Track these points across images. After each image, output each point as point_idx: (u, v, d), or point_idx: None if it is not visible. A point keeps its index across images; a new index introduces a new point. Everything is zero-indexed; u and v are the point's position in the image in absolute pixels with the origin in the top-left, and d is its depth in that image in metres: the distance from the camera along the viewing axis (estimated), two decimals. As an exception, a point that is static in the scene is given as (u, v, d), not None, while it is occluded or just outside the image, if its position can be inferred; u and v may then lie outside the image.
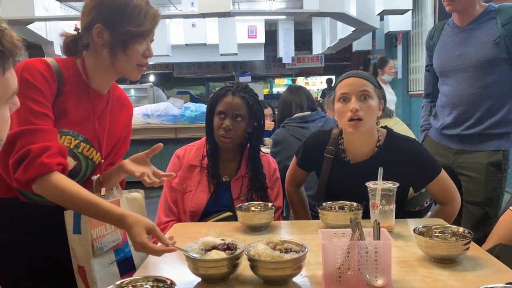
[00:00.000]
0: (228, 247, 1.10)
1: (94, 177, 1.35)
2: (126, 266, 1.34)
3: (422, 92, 2.43)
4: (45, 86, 1.20)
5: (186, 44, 7.30)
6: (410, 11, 5.60)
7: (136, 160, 1.36)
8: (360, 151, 1.62)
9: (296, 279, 1.07)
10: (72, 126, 1.28)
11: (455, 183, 1.66)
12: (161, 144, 1.34)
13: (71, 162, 1.27)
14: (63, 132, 1.26)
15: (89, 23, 1.26)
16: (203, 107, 5.57)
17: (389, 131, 1.65)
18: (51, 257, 1.29)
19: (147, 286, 0.93)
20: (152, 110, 5.53)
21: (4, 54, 0.68)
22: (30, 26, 5.54)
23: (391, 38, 8.75)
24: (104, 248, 1.27)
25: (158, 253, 1.09)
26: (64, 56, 1.33)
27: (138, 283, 0.93)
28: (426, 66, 2.28)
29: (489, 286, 0.84)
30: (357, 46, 8.61)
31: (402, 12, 5.35)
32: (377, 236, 1.05)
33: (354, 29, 6.24)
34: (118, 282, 0.92)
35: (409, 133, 2.65)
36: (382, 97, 1.60)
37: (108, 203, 1.18)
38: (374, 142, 1.60)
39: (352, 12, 5.58)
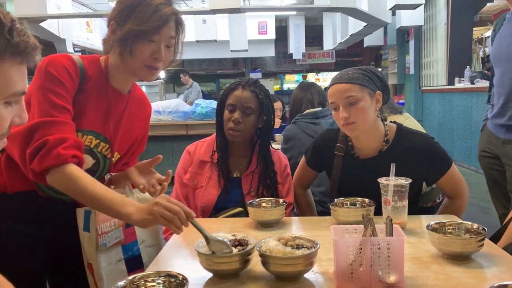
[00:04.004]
0: (240, 243, 1.10)
1: (108, 176, 1.37)
2: (134, 264, 1.35)
3: (435, 87, 2.45)
4: (68, 80, 1.21)
5: (197, 41, 7.31)
6: (423, 5, 5.53)
7: (140, 168, 1.37)
8: (368, 147, 1.61)
9: (308, 275, 1.06)
10: (93, 126, 1.29)
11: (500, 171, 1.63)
12: (160, 156, 1.34)
13: (90, 161, 1.29)
14: (85, 132, 1.27)
15: (109, 20, 1.26)
16: (213, 104, 5.58)
17: (399, 126, 1.64)
18: (67, 252, 1.32)
19: (159, 281, 0.93)
20: (163, 106, 5.55)
21: (11, 45, 0.69)
22: (43, 24, 5.59)
23: (403, 33, 8.67)
24: (107, 244, 1.27)
25: (171, 208, 1.05)
26: (74, 54, 1.34)
27: (150, 278, 0.93)
28: (488, 57, 2.30)
29: (504, 283, 0.83)
30: (368, 41, 8.56)
31: (414, 6, 5.30)
32: (390, 232, 1.04)
33: (365, 24, 6.19)
34: (130, 277, 0.92)
35: (420, 129, 2.63)
36: (378, 87, 1.57)
37: (115, 195, 1.14)
38: (381, 137, 1.59)
39: (364, 7, 5.54)
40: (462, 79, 6.46)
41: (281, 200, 1.54)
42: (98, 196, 1.13)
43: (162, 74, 10.92)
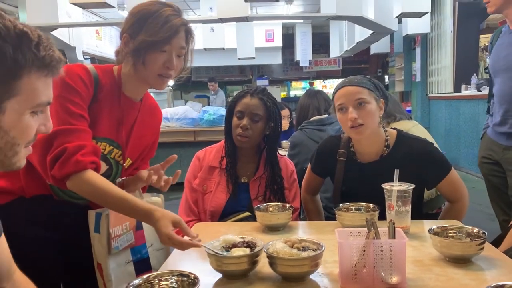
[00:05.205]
0: (248, 245, 1.15)
1: (119, 180, 1.42)
2: (143, 266, 1.40)
3: (442, 94, 2.52)
4: (84, 89, 1.27)
5: (205, 49, 7.39)
6: (429, 13, 5.56)
7: (152, 170, 1.42)
8: (369, 152, 1.66)
9: (313, 276, 1.10)
10: (107, 133, 1.35)
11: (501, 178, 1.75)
12: (175, 156, 1.39)
13: (103, 167, 1.34)
14: (99, 139, 1.33)
15: (121, 33, 1.32)
16: (221, 111, 5.65)
17: (399, 131, 1.69)
18: (80, 254, 1.36)
19: (172, 280, 0.98)
20: (171, 113, 5.63)
21: (37, 59, 0.75)
22: (54, 32, 5.69)
23: (410, 41, 8.70)
24: (119, 247, 1.33)
25: (183, 245, 1.13)
26: (88, 64, 1.41)
27: (164, 277, 0.98)
28: (486, 69, 2.37)
29: (500, 283, 0.86)
30: (375, 48, 8.59)
31: (420, 14, 5.33)
32: (392, 235, 1.08)
33: (372, 32, 6.23)
34: (145, 276, 0.97)
35: (427, 136, 2.66)
36: (382, 96, 1.63)
37: (136, 199, 1.23)
38: (382, 142, 1.65)
39: (370, 15, 5.58)
40: (469, 86, 6.47)
41: (287, 205, 1.58)
42: (120, 198, 1.20)
43: (170, 81, 11.01)
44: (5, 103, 0.73)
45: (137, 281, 0.95)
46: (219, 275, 1.13)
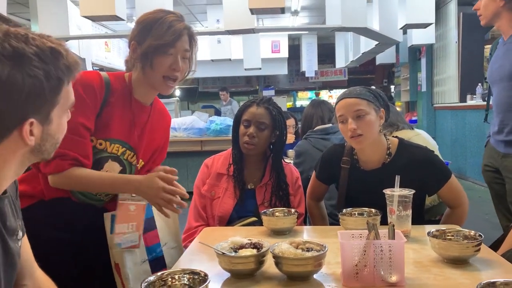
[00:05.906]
0: (255, 246, 1.21)
1: None
2: (158, 265, 1.48)
3: (447, 104, 2.60)
4: (92, 98, 1.36)
5: (212, 60, 7.49)
6: (433, 24, 5.62)
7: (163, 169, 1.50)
8: (371, 160, 1.72)
9: (317, 276, 1.16)
10: (119, 135, 1.43)
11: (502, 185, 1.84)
12: (175, 170, 1.46)
13: (117, 168, 1.43)
14: (112, 141, 1.42)
15: (129, 41, 1.42)
16: (227, 121, 5.72)
17: (401, 140, 1.75)
18: (95, 254, 1.43)
19: (184, 278, 1.04)
20: (178, 123, 5.71)
21: (69, 68, 0.83)
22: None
23: (415, 51, 8.76)
24: (121, 245, 1.40)
25: (172, 200, 1.27)
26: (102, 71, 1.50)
27: (176, 275, 1.04)
28: (485, 79, 2.45)
29: (491, 280, 0.92)
30: (380, 59, 8.64)
31: (424, 25, 5.38)
32: (392, 236, 1.13)
33: (377, 42, 6.29)
34: (159, 274, 1.03)
35: (428, 145, 2.70)
36: (382, 105, 1.68)
37: (114, 174, 1.39)
38: (384, 150, 1.70)
39: (375, 26, 5.64)
40: (474, 96, 6.50)
41: (293, 210, 1.64)
42: (98, 178, 1.34)
43: (177, 92, 11.14)
44: (51, 113, 0.84)
45: (151, 278, 1.01)
46: (228, 275, 1.19)
